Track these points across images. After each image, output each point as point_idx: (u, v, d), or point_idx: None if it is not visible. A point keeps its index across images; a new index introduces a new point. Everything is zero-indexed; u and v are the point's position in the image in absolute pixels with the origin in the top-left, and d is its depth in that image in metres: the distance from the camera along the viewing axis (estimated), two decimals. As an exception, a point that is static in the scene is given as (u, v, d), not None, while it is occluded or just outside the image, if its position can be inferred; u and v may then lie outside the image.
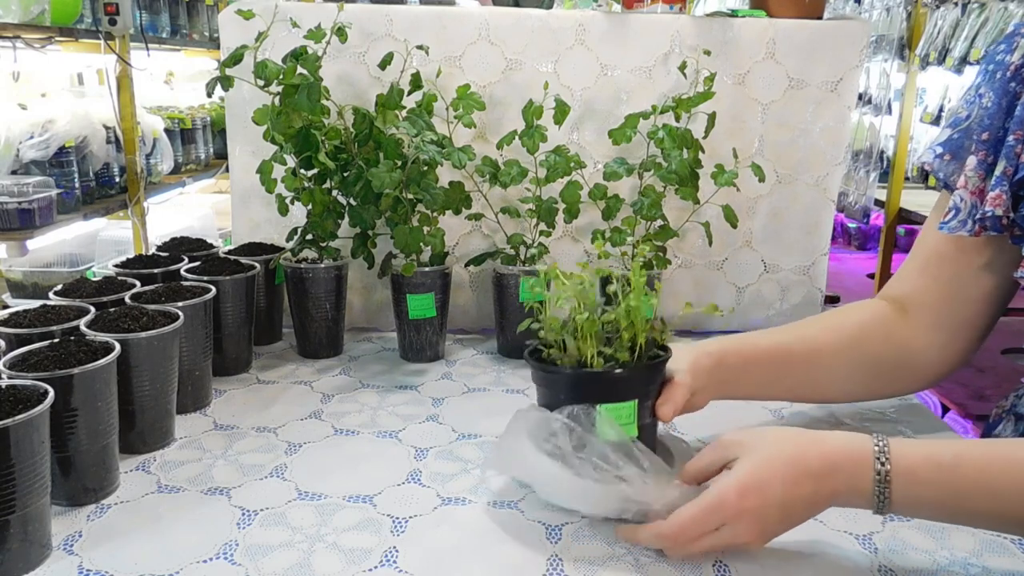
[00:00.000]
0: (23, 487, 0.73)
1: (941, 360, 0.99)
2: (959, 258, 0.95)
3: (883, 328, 0.99)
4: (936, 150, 0.96)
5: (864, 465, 0.74)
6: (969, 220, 0.90)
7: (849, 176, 3.79)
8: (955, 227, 0.92)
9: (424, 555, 0.79)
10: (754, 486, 0.75)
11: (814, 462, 0.75)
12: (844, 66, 1.39)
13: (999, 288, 0.95)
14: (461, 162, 1.22)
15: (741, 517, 0.75)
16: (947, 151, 0.96)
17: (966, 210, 0.91)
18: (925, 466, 0.74)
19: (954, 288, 0.96)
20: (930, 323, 0.98)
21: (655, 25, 1.37)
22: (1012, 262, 0.92)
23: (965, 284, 0.96)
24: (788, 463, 0.75)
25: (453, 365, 1.29)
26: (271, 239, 1.40)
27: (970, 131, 0.94)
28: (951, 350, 0.98)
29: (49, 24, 2.72)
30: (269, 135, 1.20)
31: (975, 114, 0.94)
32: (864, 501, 0.75)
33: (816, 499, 0.75)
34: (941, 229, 0.92)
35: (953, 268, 0.96)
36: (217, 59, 1.50)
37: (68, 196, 2.81)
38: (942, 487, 0.73)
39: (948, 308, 0.97)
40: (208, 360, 1.10)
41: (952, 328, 0.97)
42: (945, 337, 0.98)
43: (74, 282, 1.10)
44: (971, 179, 0.91)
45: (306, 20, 1.27)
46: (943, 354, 0.99)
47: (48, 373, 0.81)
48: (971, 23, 3.31)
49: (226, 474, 0.93)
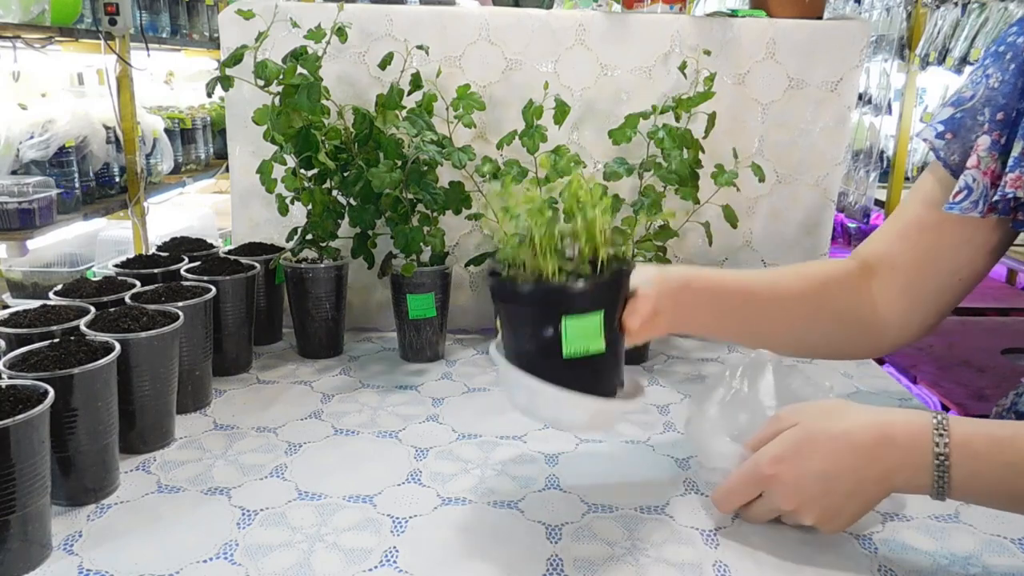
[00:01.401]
0: (23, 487, 0.73)
1: (901, 326, 0.99)
2: (940, 229, 0.95)
3: (849, 283, 0.99)
4: (937, 128, 0.95)
5: (922, 438, 0.73)
6: (981, 201, 0.89)
7: (849, 176, 3.79)
8: (967, 208, 0.90)
9: (424, 555, 0.79)
10: (790, 455, 0.76)
11: (860, 434, 0.75)
12: (844, 66, 1.39)
13: (972, 266, 0.95)
14: (461, 162, 1.22)
15: (774, 484, 0.77)
16: (948, 129, 0.94)
17: (979, 191, 0.90)
18: (984, 440, 0.72)
19: (929, 258, 0.96)
20: (897, 287, 0.97)
21: (655, 25, 1.37)
22: (992, 243, 0.92)
23: (940, 256, 0.95)
24: (832, 435, 0.76)
25: (453, 365, 1.29)
26: (271, 239, 1.40)
27: (974, 111, 0.92)
28: (913, 319, 0.98)
29: (49, 24, 2.73)
30: (269, 135, 1.20)
31: (980, 94, 0.92)
32: (923, 478, 0.73)
33: (864, 475, 0.74)
34: (951, 209, 0.90)
35: (932, 238, 0.95)
36: (217, 59, 1.50)
37: (68, 196, 2.81)
38: (1001, 463, 0.72)
39: (918, 276, 0.96)
40: (208, 360, 1.10)
41: (918, 297, 0.97)
42: (908, 304, 0.97)
43: (74, 282, 1.10)
44: (984, 159, 0.89)
45: (306, 20, 1.27)
46: (903, 320, 0.98)
47: (48, 373, 0.81)
48: (971, 23, 3.31)
49: (226, 474, 0.93)
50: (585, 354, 0.79)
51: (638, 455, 0.94)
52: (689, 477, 0.95)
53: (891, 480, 0.75)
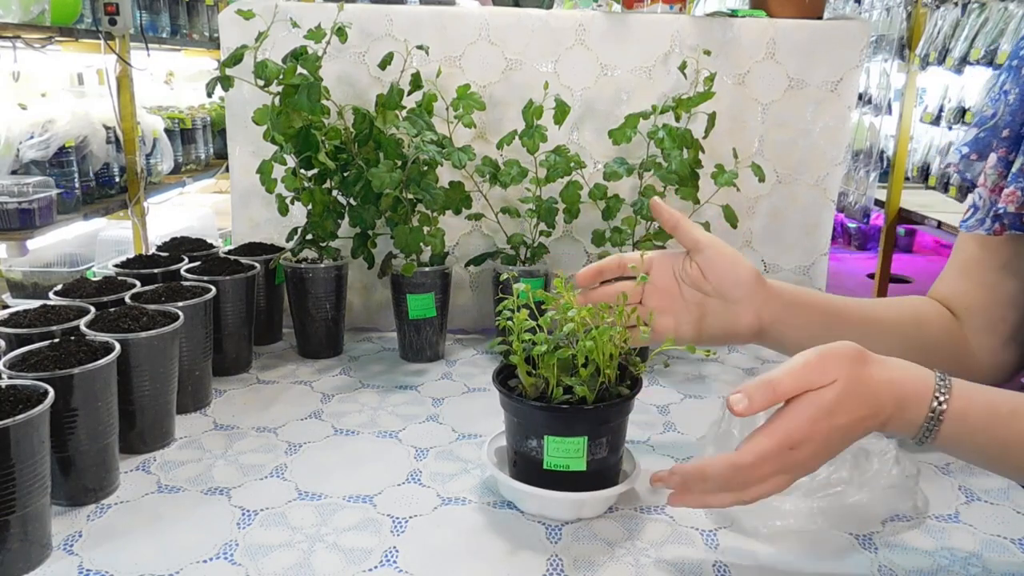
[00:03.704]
0: (23, 487, 0.73)
1: (993, 364, 0.95)
2: (991, 259, 0.92)
3: (940, 320, 0.95)
4: (962, 150, 0.93)
5: (922, 400, 0.70)
6: (987, 218, 0.89)
7: (849, 176, 3.79)
8: (973, 225, 0.90)
9: (424, 555, 0.79)
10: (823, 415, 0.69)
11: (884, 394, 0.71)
12: (844, 66, 1.39)
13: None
14: (461, 162, 1.22)
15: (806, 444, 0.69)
16: (973, 150, 0.93)
17: (984, 208, 0.89)
18: (982, 413, 0.70)
19: (997, 292, 0.93)
20: (978, 326, 0.94)
21: (655, 25, 1.37)
22: None
23: (1006, 286, 0.92)
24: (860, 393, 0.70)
25: (453, 365, 1.29)
26: (271, 239, 1.40)
27: (996, 129, 0.91)
28: (1004, 355, 0.94)
29: (49, 24, 2.73)
30: (269, 135, 1.20)
31: (1000, 111, 0.91)
32: (909, 431, 0.72)
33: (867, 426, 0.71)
34: (961, 227, 0.91)
35: (989, 270, 0.92)
36: (217, 59, 1.50)
37: (68, 196, 2.81)
38: (992, 437, 0.70)
39: (995, 311, 0.93)
40: (208, 360, 1.10)
41: (1002, 332, 0.93)
42: (996, 341, 0.94)
43: (74, 282, 1.10)
44: (990, 176, 0.89)
45: (306, 20, 1.27)
46: (996, 360, 0.95)
47: (48, 373, 0.81)
48: (971, 23, 3.31)
49: (226, 474, 0.93)
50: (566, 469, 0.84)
51: (638, 455, 0.93)
52: (689, 477, 0.95)
53: (882, 429, 0.72)
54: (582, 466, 0.83)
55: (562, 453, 0.83)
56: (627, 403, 0.86)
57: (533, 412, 0.84)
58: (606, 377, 0.85)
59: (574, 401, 0.83)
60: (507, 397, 0.86)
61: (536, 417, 0.84)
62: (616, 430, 0.86)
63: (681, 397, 1.18)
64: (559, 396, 0.84)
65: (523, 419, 0.85)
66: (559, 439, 0.83)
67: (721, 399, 1.13)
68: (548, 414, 0.83)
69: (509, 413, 0.87)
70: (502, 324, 0.87)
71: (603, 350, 0.84)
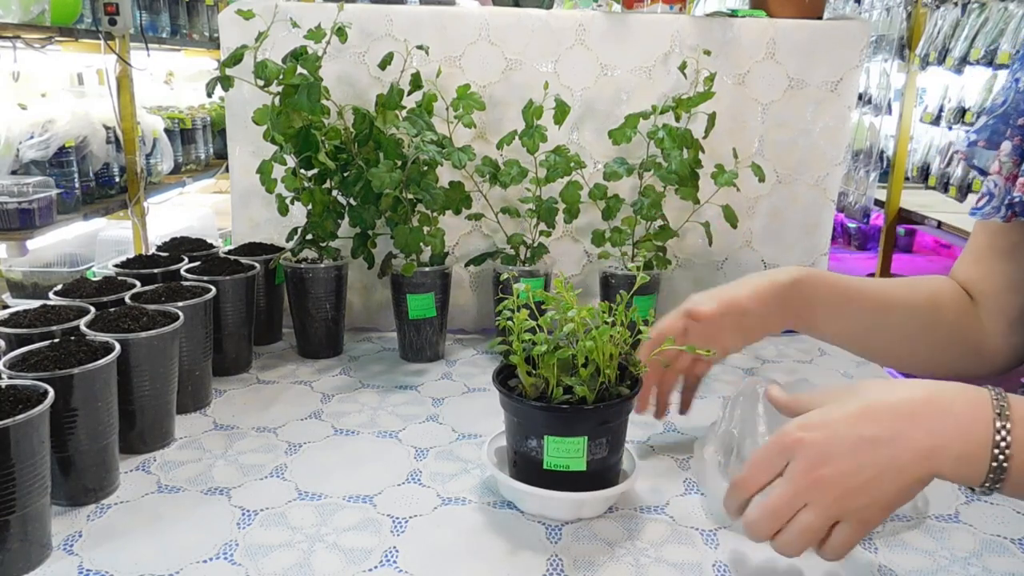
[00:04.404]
0: (23, 487, 0.73)
1: (1007, 350, 0.97)
2: (1002, 244, 0.94)
3: (956, 301, 0.97)
4: (970, 137, 0.94)
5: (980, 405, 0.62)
6: (1002, 206, 0.89)
7: (849, 176, 3.79)
8: (988, 213, 0.90)
9: (424, 555, 0.79)
10: (816, 420, 0.67)
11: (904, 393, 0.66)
12: (844, 66, 1.39)
13: None
14: (461, 162, 1.22)
15: (800, 450, 0.65)
16: (981, 138, 0.94)
17: (999, 196, 0.90)
18: None
19: (1007, 277, 0.94)
20: (991, 309, 0.96)
21: (655, 25, 1.37)
22: None
23: (1016, 271, 0.93)
24: (865, 402, 0.66)
25: (453, 365, 1.29)
26: (271, 239, 1.40)
27: (1006, 116, 0.91)
28: (1014, 338, 0.96)
29: (49, 24, 2.73)
30: (269, 135, 1.20)
31: (1011, 99, 0.92)
32: (977, 455, 0.61)
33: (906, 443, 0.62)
34: (973, 215, 0.91)
35: (999, 256, 0.94)
36: (217, 59, 1.50)
37: (68, 196, 2.81)
38: None
39: (1009, 296, 0.94)
40: (208, 360, 1.10)
41: (1011, 316, 0.95)
42: (1007, 326, 0.96)
43: (74, 282, 1.10)
44: (1005, 164, 0.89)
45: (306, 20, 1.27)
46: (1008, 343, 0.96)
47: (48, 373, 0.81)
48: (971, 23, 3.31)
49: (226, 474, 0.93)
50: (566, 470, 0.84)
51: (638, 455, 0.93)
52: (689, 477, 0.95)
53: (938, 456, 0.62)
54: (582, 466, 0.83)
55: (562, 453, 0.83)
56: (627, 403, 0.86)
57: (533, 412, 0.84)
58: (606, 377, 0.85)
59: (574, 401, 0.83)
60: (507, 397, 0.86)
61: (536, 417, 0.84)
62: (616, 430, 0.86)
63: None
64: (559, 396, 0.84)
65: (523, 419, 0.85)
66: (559, 439, 0.83)
67: (721, 399, 1.13)
68: (548, 414, 0.83)
69: (509, 413, 0.87)
70: (502, 324, 0.88)
71: (603, 350, 0.84)
